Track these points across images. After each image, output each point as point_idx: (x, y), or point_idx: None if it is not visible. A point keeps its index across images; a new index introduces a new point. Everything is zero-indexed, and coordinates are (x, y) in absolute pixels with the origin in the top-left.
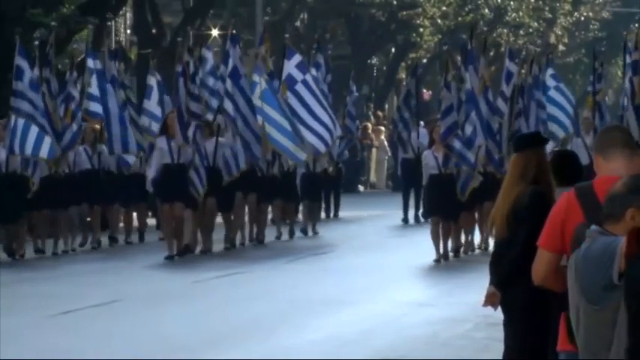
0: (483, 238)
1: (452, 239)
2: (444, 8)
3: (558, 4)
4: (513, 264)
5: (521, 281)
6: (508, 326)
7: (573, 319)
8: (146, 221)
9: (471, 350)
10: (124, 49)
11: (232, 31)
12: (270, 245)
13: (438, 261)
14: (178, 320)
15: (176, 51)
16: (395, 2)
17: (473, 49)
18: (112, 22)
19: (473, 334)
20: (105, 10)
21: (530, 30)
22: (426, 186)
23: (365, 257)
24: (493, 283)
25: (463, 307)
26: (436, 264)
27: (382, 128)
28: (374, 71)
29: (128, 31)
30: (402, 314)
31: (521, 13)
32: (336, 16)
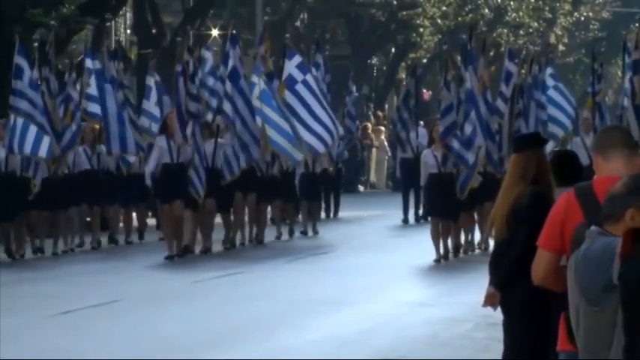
0: (483, 238)
1: (451, 238)
2: (444, 8)
3: (558, 4)
4: (513, 264)
5: (521, 281)
6: (508, 326)
7: (573, 320)
8: (146, 221)
9: (471, 350)
10: (124, 49)
11: (232, 31)
12: (270, 245)
13: (438, 261)
14: (178, 320)
15: (176, 51)
16: (395, 2)
17: (473, 49)
18: (112, 22)
19: (473, 334)
20: (105, 10)
21: (530, 30)
22: (425, 185)
23: (365, 257)
24: (493, 283)
25: (463, 307)
26: (436, 264)
27: (382, 128)
28: (374, 71)
29: (128, 31)
30: (402, 314)
31: (521, 13)
32: (336, 16)
